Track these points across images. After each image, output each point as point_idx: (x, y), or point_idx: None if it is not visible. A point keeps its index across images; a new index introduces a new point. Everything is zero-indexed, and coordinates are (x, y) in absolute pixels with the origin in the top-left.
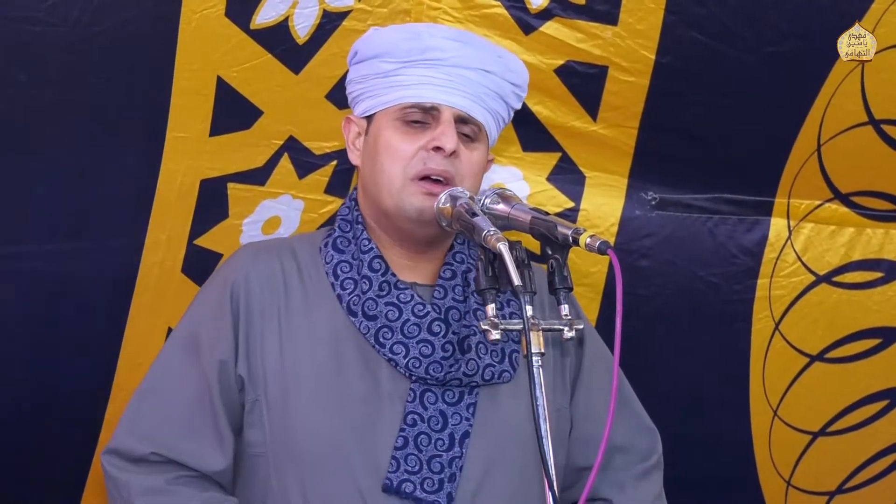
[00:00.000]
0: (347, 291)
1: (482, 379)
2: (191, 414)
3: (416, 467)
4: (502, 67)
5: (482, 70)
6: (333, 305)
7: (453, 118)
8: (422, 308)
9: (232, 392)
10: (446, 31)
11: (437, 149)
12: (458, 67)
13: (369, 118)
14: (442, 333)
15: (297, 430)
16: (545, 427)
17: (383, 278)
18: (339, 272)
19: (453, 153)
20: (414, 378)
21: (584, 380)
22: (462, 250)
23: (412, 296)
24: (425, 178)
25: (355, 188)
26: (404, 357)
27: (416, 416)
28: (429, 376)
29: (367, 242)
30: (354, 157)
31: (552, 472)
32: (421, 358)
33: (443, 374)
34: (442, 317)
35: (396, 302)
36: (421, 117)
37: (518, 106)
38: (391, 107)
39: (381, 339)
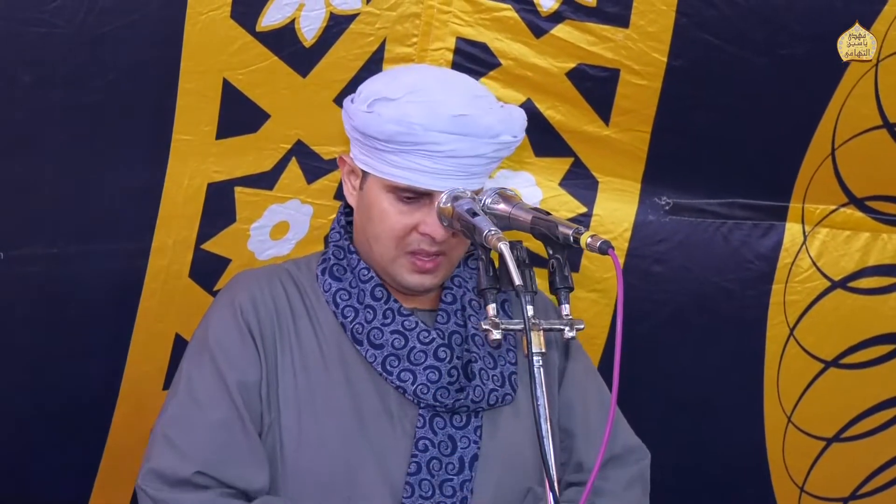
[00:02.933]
0: (349, 319)
1: (487, 404)
2: (226, 436)
3: (430, 492)
4: (500, 144)
5: (478, 156)
6: (339, 332)
7: None
8: (427, 335)
9: (256, 412)
10: (444, 123)
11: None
12: (454, 158)
13: (363, 171)
14: (448, 359)
15: (311, 455)
16: (546, 427)
17: (386, 306)
18: (338, 300)
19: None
20: (423, 405)
21: (567, 379)
22: (460, 273)
23: (416, 322)
24: (418, 253)
25: (340, 212)
26: (412, 384)
27: (426, 442)
28: (437, 403)
29: (366, 272)
30: (350, 198)
31: (553, 471)
32: (429, 384)
33: (451, 401)
34: (446, 342)
35: (402, 329)
36: (415, 195)
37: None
38: (386, 179)
39: (389, 367)
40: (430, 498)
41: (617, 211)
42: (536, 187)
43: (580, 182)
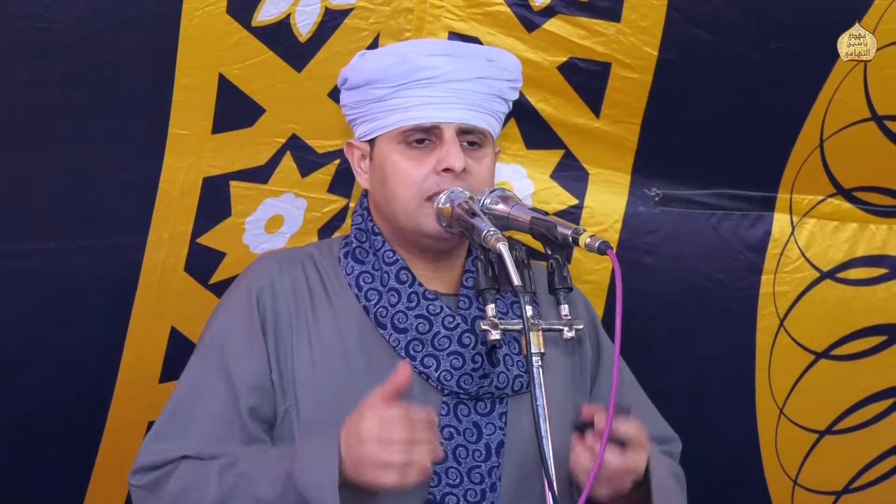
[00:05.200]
0: (373, 303)
1: (512, 390)
2: (220, 424)
3: (457, 480)
4: (495, 69)
5: (476, 78)
6: (360, 316)
7: (456, 133)
8: (451, 320)
9: (262, 403)
10: (432, 46)
11: (447, 170)
12: (452, 82)
13: (371, 141)
14: (472, 345)
15: None
16: (545, 427)
17: (411, 289)
18: (361, 283)
19: (463, 170)
20: (446, 391)
21: (605, 371)
22: (480, 256)
23: (441, 307)
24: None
25: (363, 195)
26: (436, 370)
27: (452, 430)
28: (461, 390)
29: (391, 254)
30: (363, 181)
31: (552, 471)
32: (452, 371)
33: (475, 388)
34: (470, 327)
35: (426, 314)
36: (424, 137)
37: (516, 96)
38: (392, 130)
39: (412, 352)
40: (458, 486)
41: (607, 203)
42: (528, 179)
43: (571, 174)
